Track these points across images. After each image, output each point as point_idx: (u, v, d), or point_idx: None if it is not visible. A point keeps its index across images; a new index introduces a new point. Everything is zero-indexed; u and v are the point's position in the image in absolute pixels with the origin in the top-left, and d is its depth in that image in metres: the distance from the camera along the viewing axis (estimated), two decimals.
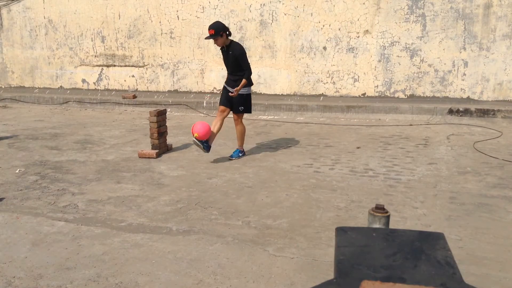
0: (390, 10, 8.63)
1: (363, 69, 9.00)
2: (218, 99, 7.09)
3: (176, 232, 4.00)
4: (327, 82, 9.28)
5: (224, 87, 6.17)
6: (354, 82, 9.10)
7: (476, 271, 3.23)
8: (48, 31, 11.51)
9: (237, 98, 5.98)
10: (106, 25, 10.86)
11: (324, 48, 9.17)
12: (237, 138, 6.23)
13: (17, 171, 5.86)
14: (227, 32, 5.84)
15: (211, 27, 5.74)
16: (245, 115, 6.40)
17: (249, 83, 6.03)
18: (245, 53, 6.00)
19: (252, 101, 8.72)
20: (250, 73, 5.98)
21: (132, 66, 10.87)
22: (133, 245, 3.77)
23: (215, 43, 5.86)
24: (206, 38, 5.89)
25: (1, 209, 4.63)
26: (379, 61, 8.87)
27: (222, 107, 6.12)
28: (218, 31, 5.70)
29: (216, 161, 6.07)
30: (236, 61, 5.87)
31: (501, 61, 8.19)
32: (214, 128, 5.99)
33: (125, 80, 11.04)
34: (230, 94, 5.95)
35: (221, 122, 6.11)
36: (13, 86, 12.38)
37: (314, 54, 9.26)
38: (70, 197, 4.93)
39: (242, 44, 6.68)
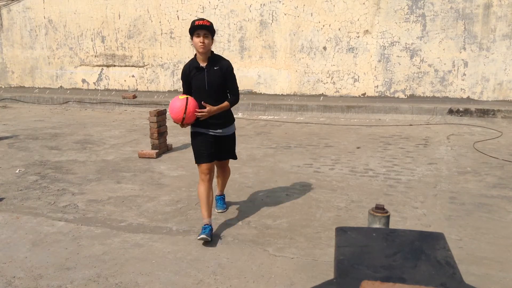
0: (390, 10, 8.63)
1: (363, 69, 9.00)
2: None
3: (176, 232, 4.00)
4: (327, 82, 9.28)
5: (199, 133, 3.94)
6: (354, 82, 9.10)
7: (476, 271, 3.23)
8: (48, 31, 11.51)
9: (230, 141, 4.11)
10: (106, 25, 10.86)
11: (324, 48, 9.17)
12: (221, 184, 4.42)
13: (17, 171, 5.86)
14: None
15: (207, 20, 3.82)
16: (245, 115, 5.40)
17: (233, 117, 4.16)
18: None
19: (252, 101, 8.59)
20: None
21: (132, 66, 10.87)
22: (133, 245, 3.77)
23: (200, 43, 3.71)
24: (197, 27, 3.70)
25: (1, 209, 4.63)
26: (379, 61, 8.87)
27: (207, 166, 3.91)
28: (213, 29, 3.81)
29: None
30: (223, 82, 3.87)
31: (501, 61, 8.19)
32: (208, 200, 3.90)
33: (125, 80, 11.04)
34: (201, 112, 3.78)
35: (212, 187, 3.99)
36: (13, 86, 12.38)
37: (314, 54, 9.26)
38: (70, 197, 4.93)
39: (242, 44, 6.18)
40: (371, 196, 4.71)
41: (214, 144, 3.95)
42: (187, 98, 3.72)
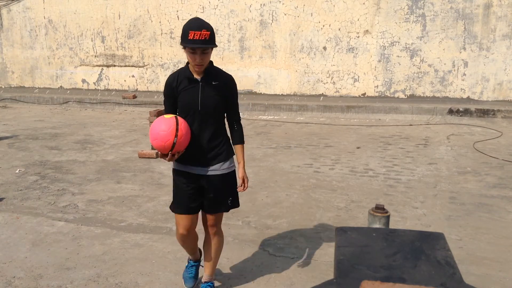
0: (390, 10, 8.63)
1: (363, 69, 8.99)
2: None
3: (176, 232, 3.99)
4: (327, 82, 9.28)
5: (180, 172, 2.87)
6: (354, 82, 9.10)
7: (476, 271, 3.23)
8: (48, 31, 11.51)
9: (223, 184, 2.87)
10: (106, 25, 10.86)
11: (324, 48, 9.17)
12: (211, 262, 3.03)
13: (17, 171, 5.86)
14: None
15: (207, 27, 2.61)
16: (245, 115, 3.85)
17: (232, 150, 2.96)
18: None
19: (252, 101, 8.43)
20: None
21: (132, 66, 10.86)
22: (133, 245, 3.77)
23: (197, 63, 2.67)
24: (192, 42, 2.57)
25: (1, 209, 4.63)
26: (379, 61, 8.86)
27: (183, 220, 2.92)
28: (215, 38, 2.70)
29: None
30: (221, 103, 2.81)
31: (501, 61, 8.19)
32: (192, 244, 3.11)
33: (125, 80, 11.04)
34: (240, 189, 2.95)
35: (195, 234, 3.08)
36: (13, 86, 12.38)
37: (314, 54, 9.26)
38: (70, 197, 4.93)
39: (242, 44, 5.85)
40: (371, 196, 4.71)
41: (199, 191, 2.85)
42: (175, 117, 2.69)
